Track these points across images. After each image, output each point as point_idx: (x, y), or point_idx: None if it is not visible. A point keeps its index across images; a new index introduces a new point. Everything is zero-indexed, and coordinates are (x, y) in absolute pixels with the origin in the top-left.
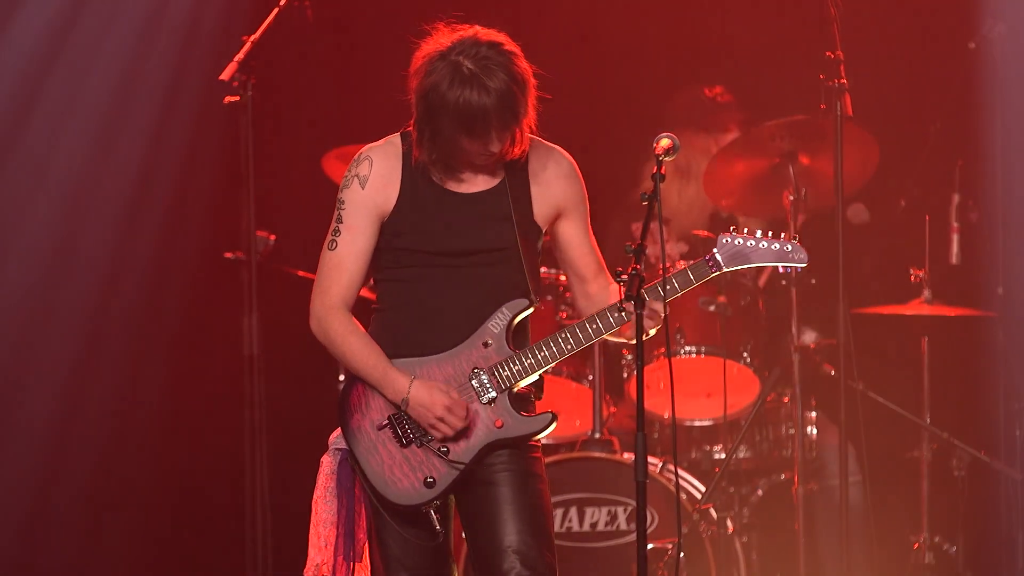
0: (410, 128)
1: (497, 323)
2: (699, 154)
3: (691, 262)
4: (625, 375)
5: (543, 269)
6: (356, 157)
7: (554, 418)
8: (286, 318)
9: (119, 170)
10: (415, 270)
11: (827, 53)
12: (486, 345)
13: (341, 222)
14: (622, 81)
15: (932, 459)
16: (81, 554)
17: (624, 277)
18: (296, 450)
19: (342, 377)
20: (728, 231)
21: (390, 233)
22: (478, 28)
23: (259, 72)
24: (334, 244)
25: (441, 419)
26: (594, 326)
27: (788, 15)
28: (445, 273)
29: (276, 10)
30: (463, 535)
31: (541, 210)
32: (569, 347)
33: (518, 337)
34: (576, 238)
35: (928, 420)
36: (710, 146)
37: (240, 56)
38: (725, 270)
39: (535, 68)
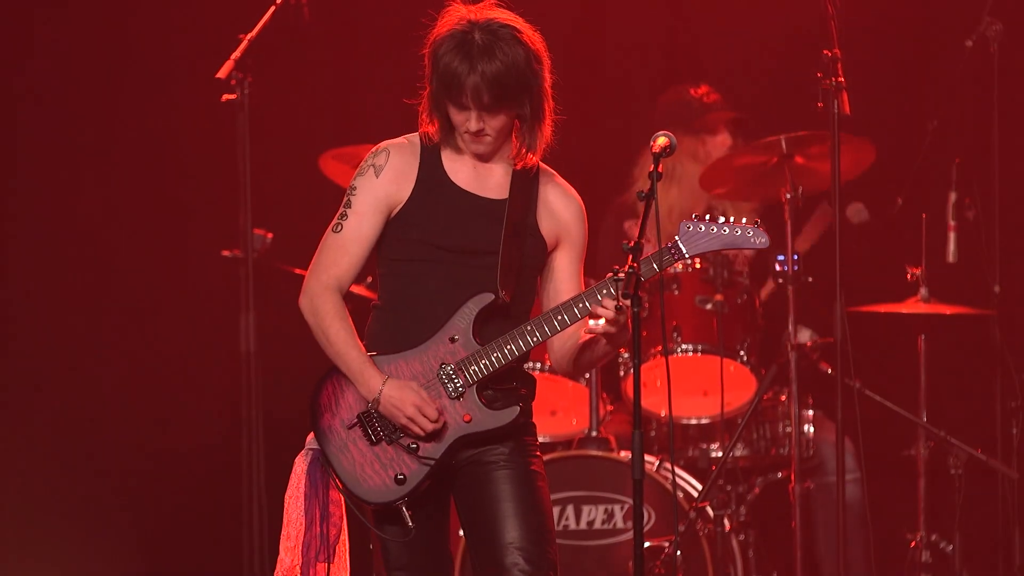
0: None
1: (463, 317)
2: (685, 157)
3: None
4: (622, 373)
5: None
6: (374, 149)
7: (521, 411)
8: (283, 316)
9: (116, 168)
10: (420, 264)
11: (824, 51)
12: (453, 340)
13: (350, 207)
14: (617, 80)
15: (929, 457)
16: (77, 551)
17: (621, 275)
18: (292, 447)
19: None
20: (691, 216)
21: (401, 224)
22: (519, 17)
23: (256, 71)
24: (339, 227)
25: (411, 419)
26: (559, 318)
27: (785, 13)
28: (447, 270)
29: (273, 8)
30: (460, 532)
31: (546, 227)
32: (535, 339)
33: (492, 332)
34: (567, 271)
35: (925, 418)
36: (697, 149)
37: (237, 54)
38: (687, 256)
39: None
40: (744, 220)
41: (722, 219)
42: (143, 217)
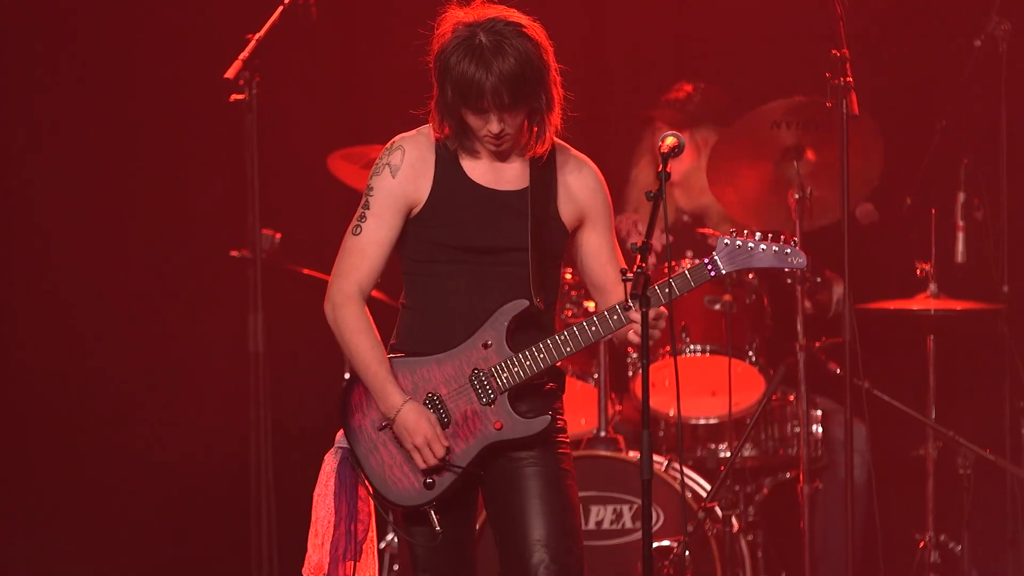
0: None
1: (497, 323)
2: (647, 151)
3: (691, 264)
4: (630, 373)
5: None
6: (388, 146)
7: (552, 419)
8: (291, 316)
9: (124, 168)
10: (444, 266)
11: (833, 51)
12: (486, 346)
13: (368, 208)
14: (619, 79)
15: (937, 457)
16: (85, 551)
17: (629, 276)
18: (301, 448)
19: (347, 376)
20: (728, 232)
21: (421, 225)
22: (515, 10)
23: (264, 71)
24: (359, 229)
25: (418, 448)
26: (593, 328)
27: (793, 13)
28: (472, 270)
29: (281, 8)
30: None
31: (566, 212)
32: (568, 349)
33: (522, 337)
34: (598, 247)
35: (933, 418)
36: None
37: (245, 55)
38: (724, 272)
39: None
40: (782, 238)
41: (759, 235)
42: (151, 217)
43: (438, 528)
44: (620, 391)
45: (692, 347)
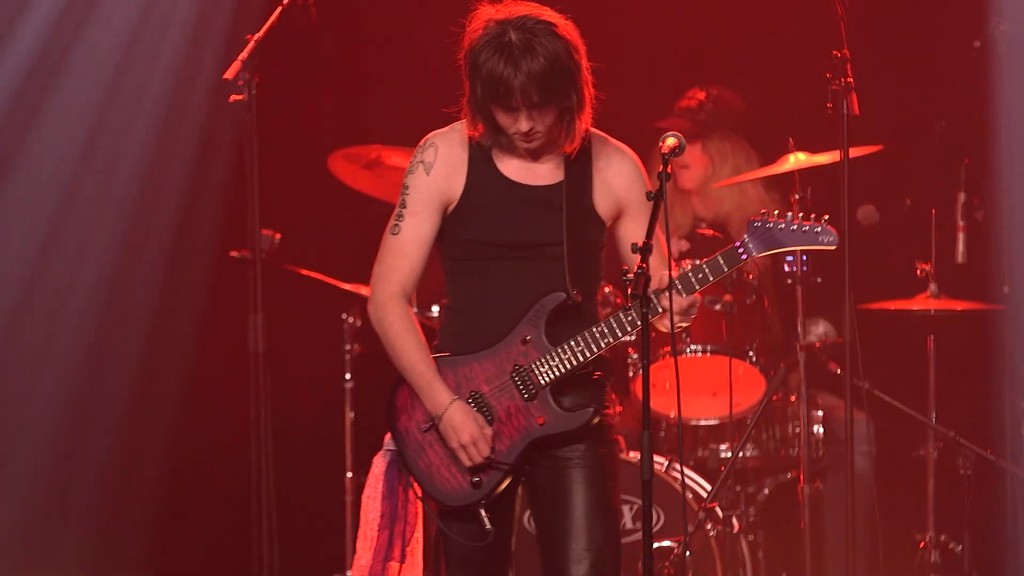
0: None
1: (535, 318)
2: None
3: (722, 249)
4: (631, 374)
5: None
6: (422, 143)
7: (596, 412)
8: (291, 316)
9: (126, 169)
10: (481, 263)
11: (833, 52)
12: (525, 342)
13: (405, 207)
14: (616, 80)
15: (938, 458)
16: (89, 548)
17: (629, 276)
18: (302, 447)
19: (348, 376)
20: (759, 215)
21: (456, 223)
22: (547, 8)
23: (264, 71)
24: (397, 229)
25: (463, 447)
26: (629, 318)
27: (794, 14)
28: (509, 266)
29: (280, 9)
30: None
31: (603, 205)
32: (606, 340)
33: (563, 329)
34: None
35: (934, 419)
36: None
37: (244, 55)
38: (756, 255)
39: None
40: (812, 217)
41: (789, 215)
42: (152, 217)
43: (489, 527)
44: (620, 392)
45: (692, 347)
